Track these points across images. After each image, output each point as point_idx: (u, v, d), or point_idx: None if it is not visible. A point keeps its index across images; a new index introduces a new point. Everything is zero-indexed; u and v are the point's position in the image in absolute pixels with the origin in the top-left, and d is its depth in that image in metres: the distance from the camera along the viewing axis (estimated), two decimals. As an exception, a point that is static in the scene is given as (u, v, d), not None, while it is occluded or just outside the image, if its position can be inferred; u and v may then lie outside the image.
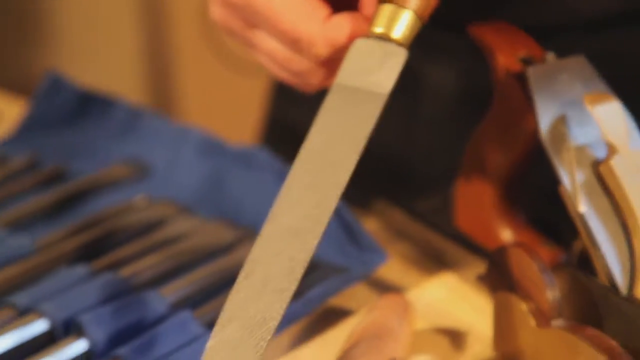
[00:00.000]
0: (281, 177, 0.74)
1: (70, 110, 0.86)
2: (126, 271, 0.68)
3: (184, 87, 1.82)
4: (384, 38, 0.60)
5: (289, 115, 0.88)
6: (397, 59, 0.60)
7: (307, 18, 0.61)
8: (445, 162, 0.78)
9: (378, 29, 0.60)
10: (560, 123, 0.64)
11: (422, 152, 0.81)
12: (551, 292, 0.61)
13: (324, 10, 0.62)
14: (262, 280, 0.56)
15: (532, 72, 0.64)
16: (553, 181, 0.65)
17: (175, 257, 0.71)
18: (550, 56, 0.66)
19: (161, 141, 0.82)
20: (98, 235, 0.73)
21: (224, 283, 0.69)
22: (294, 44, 0.62)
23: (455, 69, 0.78)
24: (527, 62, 0.66)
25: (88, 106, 0.86)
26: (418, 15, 0.60)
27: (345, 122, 0.60)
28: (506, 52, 0.67)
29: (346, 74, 0.61)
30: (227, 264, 0.70)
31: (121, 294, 0.66)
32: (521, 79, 0.65)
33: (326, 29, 0.61)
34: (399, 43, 0.60)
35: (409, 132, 0.81)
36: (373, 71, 0.61)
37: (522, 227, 0.70)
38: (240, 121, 1.25)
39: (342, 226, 0.71)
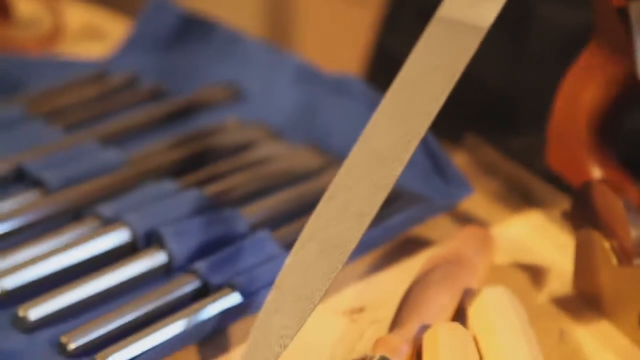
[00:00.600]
0: (374, 107, 0.74)
1: (172, 32, 0.87)
2: (212, 189, 0.69)
3: (295, 13, 1.82)
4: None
5: (395, 46, 0.88)
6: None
7: None
8: (549, 102, 0.77)
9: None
10: (659, 59, 0.62)
11: (526, 90, 0.79)
12: (635, 231, 0.59)
13: None
14: (343, 203, 0.56)
15: (634, 7, 0.62)
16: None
17: (261, 179, 0.71)
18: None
19: (258, 66, 0.83)
20: (188, 153, 0.74)
21: (307, 207, 0.69)
22: None
23: (564, 3, 0.76)
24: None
25: (190, 29, 0.86)
26: None
27: (442, 53, 0.60)
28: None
29: (448, 4, 0.60)
30: (311, 189, 0.70)
31: (204, 211, 0.67)
32: (623, 14, 0.63)
33: None
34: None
35: (513, 68, 0.79)
36: (476, 3, 0.60)
37: (613, 167, 0.68)
38: (349, 50, 1.25)
39: (428, 156, 0.70)
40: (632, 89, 0.66)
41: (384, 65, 0.89)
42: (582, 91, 0.68)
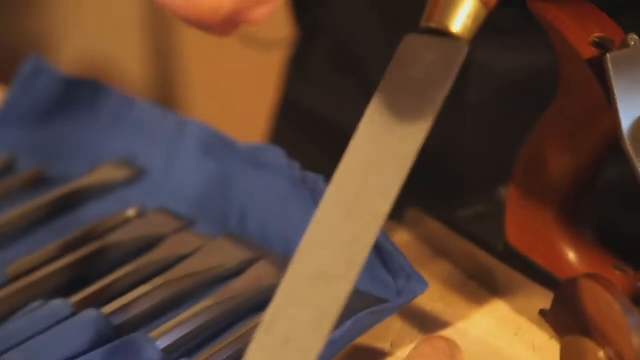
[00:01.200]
0: (295, 183, 0.63)
1: (53, 100, 0.74)
2: (113, 307, 0.57)
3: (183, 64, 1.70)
4: (441, 32, 0.49)
5: (305, 97, 0.77)
6: (456, 56, 0.48)
7: None
8: (490, 163, 0.66)
9: (433, 21, 0.49)
10: (645, 124, 0.51)
11: (464, 149, 0.69)
12: (638, 338, 0.49)
13: None
14: (283, 338, 0.47)
15: (611, 59, 0.52)
16: (630, 188, 0.53)
17: (173, 285, 0.59)
18: (633, 39, 0.53)
19: (157, 137, 0.71)
20: (81, 259, 0.61)
21: (234, 318, 0.57)
22: None
23: (507, 48, 0.66)
24: (602, 45, 0.54)
25: (73, 96, 0.74)
26: (483, 2, 0.49)
27: (390, 137, 0.50)
28: (576, 33, 0.54)
29: (394, 77, 0.50)
30: (236, 293, 0.59)
31: (106, 338, 0.55)
32: (596, 67, 0.53)
33: None
34: (458, 36, 0.49)
35: (450, 126, 0.69)
36: (425, 72, 0.50)
37: (588, 246, 0.58)
38: (253, 99, 1.13)
39: (372, 246, 0.59)
40: (610, 153, 0.55)
41: (293, 120, 0.78)
42: (549, 156, 0.57)
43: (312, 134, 0.64)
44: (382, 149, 0.49)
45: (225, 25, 0.50)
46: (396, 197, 0.48)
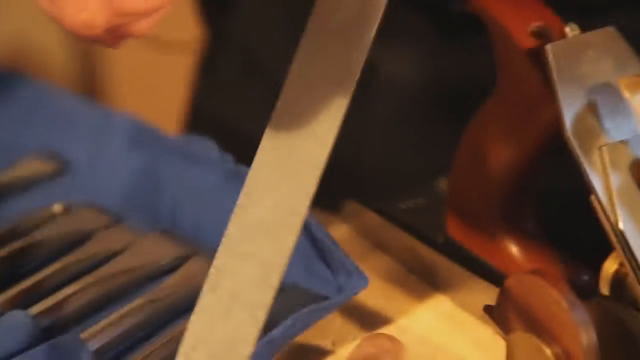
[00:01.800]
0: (229, 176, 0.61)
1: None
2: (40, 307, 0.54)
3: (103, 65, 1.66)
4: None
5: (213, 102, 0.76)
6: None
7: None
8: (404, 166, 0.66)
9: None
10: (589, 114, 0.50)
11: (375, 155, 0.68)
12: (586, 335, 0.48)
13: None
14: (230, 293, 0.47)
15: (551, 49, 0.51)
16: (573, 183, 0.52)
17: (104, 283, 0.57)
18: (573, 29, 0.52)
19: (81, 129, 0.68)
20: (5, 257, 0.58)
21: (170, 316, 0.55)
22: None
23: (415, 54, 0.65)
24: (542, 35, 0.53)
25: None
26: None
27: (321, 80, 0.50)
28: (516, 23, 0.53)
29: (317, 24, 0.50)
30: (170, 290, 0.57)
31: (34, 341, 0.52)
32: (536, 57, 0.52)
33: None
34: None
35: (361, 132, 0.67)
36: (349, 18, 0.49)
37: (530, 239, 0.57)
38: (165, 103, 1.10)
39: (309, 240, 0.57)
40: (550, 146, 0.55)
41: (201, 125, 0.76)
42: (489, 149, 0.56)
43: (220, 139, 0.63)
44: (314, 98, 0.49)
45: (108, 38, 0.48)
46: (332, 144, 0.48)
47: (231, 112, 0.74)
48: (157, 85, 1.48)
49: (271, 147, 0.50)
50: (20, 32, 1.71)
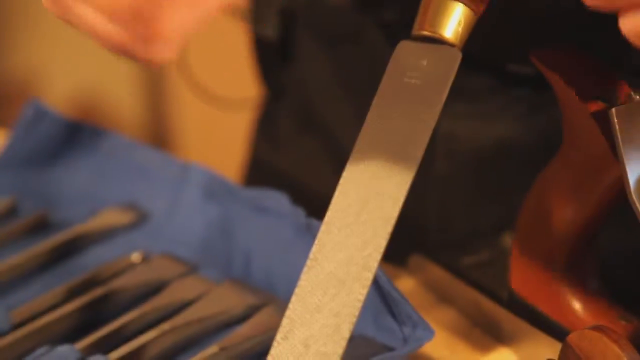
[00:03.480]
0: (299, 228, 0.63)
1: (54, 144, 0.74)
2: (119, 352, 0.57)
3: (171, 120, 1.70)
4: (433, 38, 0.50)
5: (272, 158, 0.78)
6: (451, 62, 0.50)
7: None
8: (468, 221, 0.68)
9: (425, 28, 0.50)
10: (651, 177, 0.52)
11: (440, 209, 0.70)
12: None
13: None
14: (303, 342, 0.49)
15: (616, 113, 0.52)
16: (636, 242, 0.53)
17: (179, 331, 0.59)
18: (637, 93, 0.54)
19: (159, 181, 0.71)
20: (86, 305, 0.61)
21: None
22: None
23: (473, 115, 0.67)
24: (607, 99, 0.54)
25: (75, 140, 0.74)
26: (472, 8, 0.50)
27: (392, 144, 0.52)
28: (581, 86, 0.55)
29: (391, 84, 0.52)
30: (241, 339, 0.59)
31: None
32: (601, 121, 0.54)
33: None
34: (451, 43, 0.50)
35: (426, 187, 0.69)
36: (422, 78, 0.51)
37: (593, 295, 0.58)
38: (225, 159, 1.14)
39: (378, 292, 0.59)
40: (614, 205, 0.56)
41: (261, 180, 0.79)
42: (554, 207, 0.58)
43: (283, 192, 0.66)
44: (386, 156, 0.51)
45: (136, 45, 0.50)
46: (403, 201, 0.49)
47: (290, 166, 0.77)
48: (218, 140, 1.51)
49: (343, 203, 0.52)
50: (92, 84, 1.75)
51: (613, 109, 0.53)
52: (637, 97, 0.53)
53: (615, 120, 0.52)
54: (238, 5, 0.56)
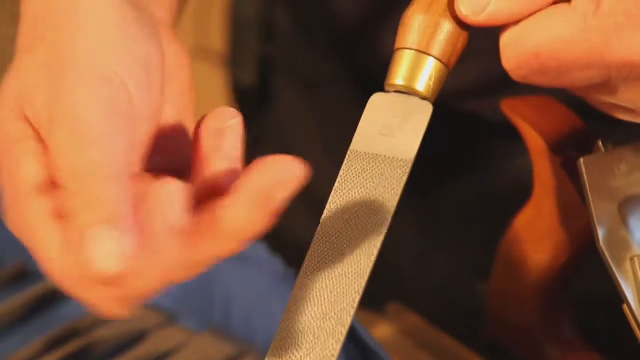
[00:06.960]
0: (278, 278, 0.63)
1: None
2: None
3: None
4: (405, 92, 0.50)
5: None
6: (423, 115, 0.50)
7: None
8: (444, 268, 0.68)
9: (398, 81, 0.50)
10: (621, 226, 0.53)
11: (416, 258, 0.70)
12: None
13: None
14: None
15: (585, 163, 0.53)
16: (609, 288, 0.54)
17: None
18: (604, 143, 0.55)
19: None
20: (66, 356, 0.61)
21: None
22: None
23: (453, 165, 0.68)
24: (576, 148, 0.55)
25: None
26: (444, 62, 0.50)
27: (366, 193, 0.52)
28: (549, 135, 0.56)
29: (362, 138, 0.52)
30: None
31: None
32: (570, 170, 0.54)
33: None
34: (422, 97, 0.50)
35: (400, 237, 0.70)
36: (394, 132, 0.52)
37: (569, 342, 0.59)
38: None
39: (354, 342, 0.60)
40: (585, 251, 0.57)
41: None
42: (525, 254, 0.58)
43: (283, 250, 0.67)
44: (359, 206, 0.51)
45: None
46: (377, 255, 0.50)
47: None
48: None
49: (319, 255, 0.52)
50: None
51: (581, 159, 0.53)
52: (606, 146, 0.54)
53: (584, 170, 0.53)
54: None
